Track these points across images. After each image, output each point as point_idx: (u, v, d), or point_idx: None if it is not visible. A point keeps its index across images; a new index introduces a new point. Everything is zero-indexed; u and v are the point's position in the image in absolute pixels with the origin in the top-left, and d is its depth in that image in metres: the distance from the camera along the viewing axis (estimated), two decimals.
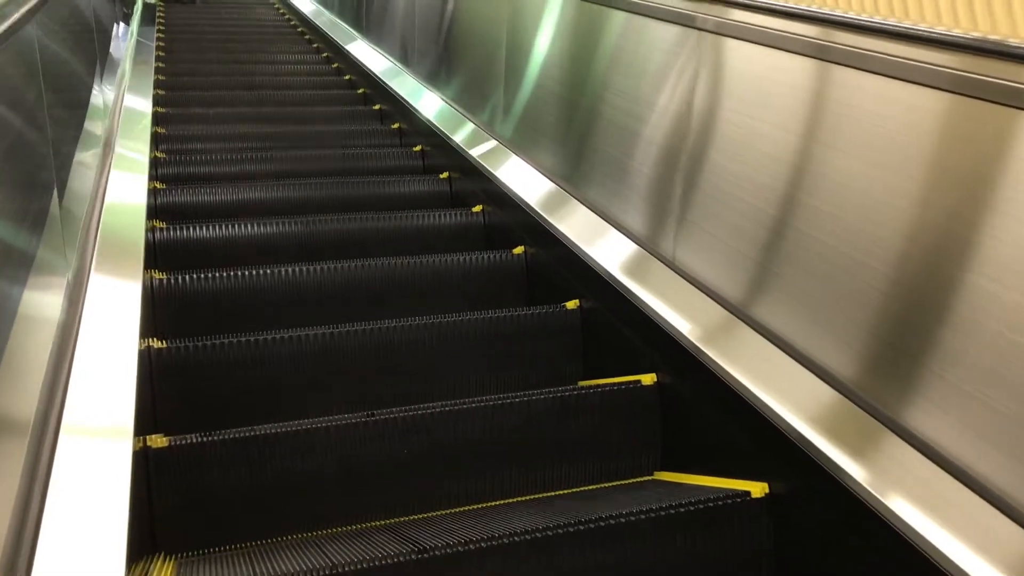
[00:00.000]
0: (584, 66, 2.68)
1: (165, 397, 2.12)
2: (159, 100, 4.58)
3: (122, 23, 5.53)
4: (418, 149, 4.03)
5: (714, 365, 1.83)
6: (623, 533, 1.65)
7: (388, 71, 4.83)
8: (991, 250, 1.34)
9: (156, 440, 1.78)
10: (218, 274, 2.56)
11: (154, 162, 3.49)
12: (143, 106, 3.93)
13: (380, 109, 4.80)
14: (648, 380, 2.09)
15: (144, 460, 1.76)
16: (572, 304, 2.47)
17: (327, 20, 6.75)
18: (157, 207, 3.18)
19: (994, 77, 1.32)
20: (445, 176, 3.63)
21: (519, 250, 2.86)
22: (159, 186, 3.33)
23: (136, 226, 2.45)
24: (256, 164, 3.84)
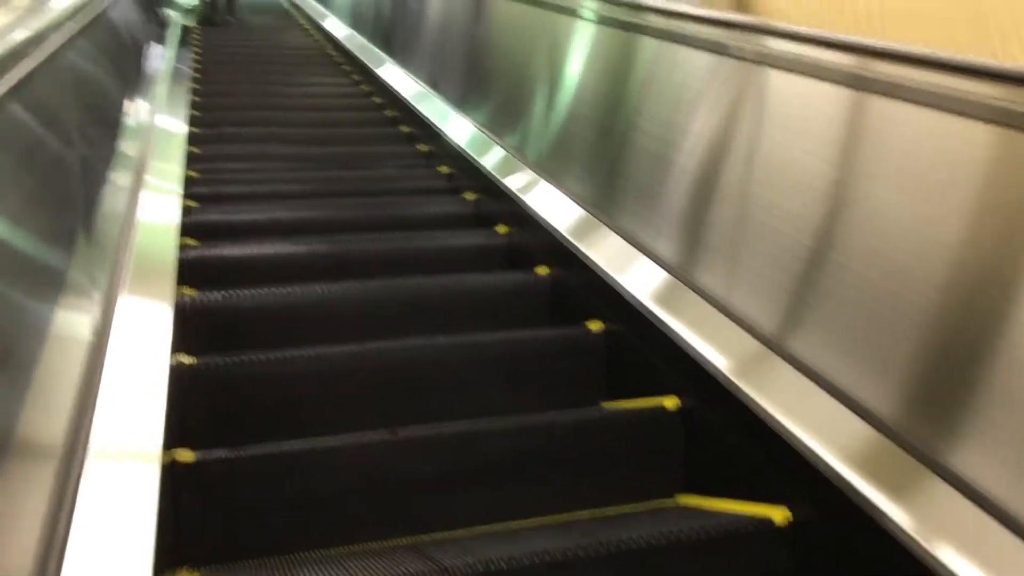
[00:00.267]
0: (617, 93, 2.70)
1: (194, 412, 2.15)
2: (194, 121, 4.66)
3: (159, 44, 5.64)
4: (445, 171, 4.07)
5: (740, 392, 1.81)
6: (643, 556, 1.64)
7: (417, 95, 4.88)
8: None
9: (184, 454, 1.81)
10: (248, 291, 2.60)
11: (188, 181, 3.55)
12: (177, 127, 4.01)
13: (409, 132, 4.85)
14: (671, 404, 2.09)
15: (172, 474, 1.78)
16: (596, 326, 2.47)
17: (359, 44, 6.84)
18: (190, 225, 3.23)
19: None
20: (472, 197, 3.66)
21: (543, 270, 2.87)
22: (192, 204, 3.38)
23: (167, 245, 2.50)
24: (285, 184, 3.94)
